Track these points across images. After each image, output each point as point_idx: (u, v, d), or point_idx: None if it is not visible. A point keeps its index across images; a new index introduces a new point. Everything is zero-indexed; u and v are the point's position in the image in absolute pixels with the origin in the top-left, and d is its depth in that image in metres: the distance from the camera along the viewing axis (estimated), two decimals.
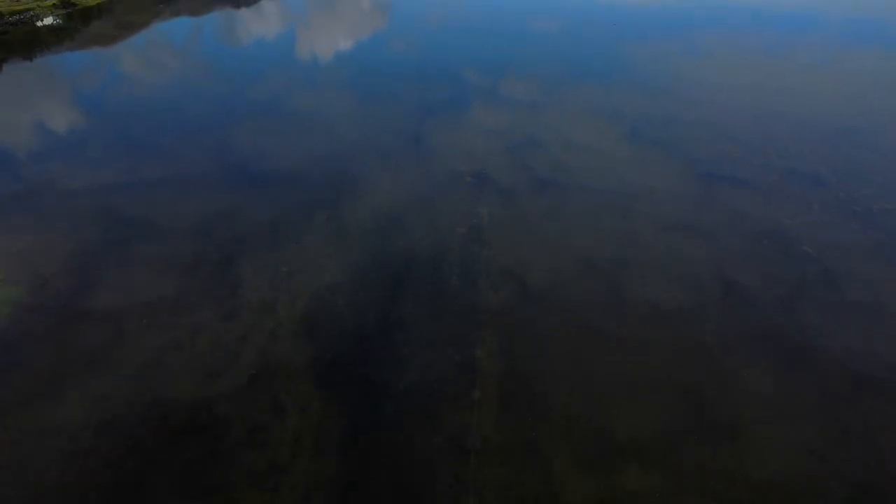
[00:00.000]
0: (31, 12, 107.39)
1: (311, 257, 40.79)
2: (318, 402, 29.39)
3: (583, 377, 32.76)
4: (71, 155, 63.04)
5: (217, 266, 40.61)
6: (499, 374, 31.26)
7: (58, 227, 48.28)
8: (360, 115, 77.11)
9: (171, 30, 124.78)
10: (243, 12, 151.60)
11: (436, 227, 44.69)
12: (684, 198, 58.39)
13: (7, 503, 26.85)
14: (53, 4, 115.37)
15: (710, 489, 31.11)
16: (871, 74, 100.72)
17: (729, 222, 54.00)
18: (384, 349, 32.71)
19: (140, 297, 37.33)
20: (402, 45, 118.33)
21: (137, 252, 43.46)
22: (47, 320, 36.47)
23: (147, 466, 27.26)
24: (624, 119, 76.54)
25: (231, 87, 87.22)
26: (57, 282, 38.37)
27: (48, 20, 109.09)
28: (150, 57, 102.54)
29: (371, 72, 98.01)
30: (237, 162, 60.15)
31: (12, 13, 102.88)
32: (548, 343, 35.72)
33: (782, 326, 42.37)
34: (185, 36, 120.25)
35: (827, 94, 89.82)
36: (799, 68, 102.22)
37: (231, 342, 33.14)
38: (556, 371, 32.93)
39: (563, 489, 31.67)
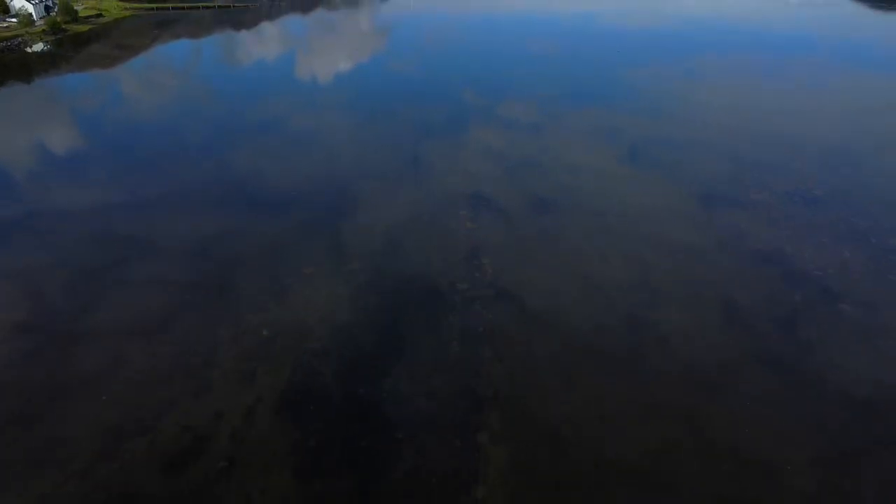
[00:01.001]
0: (20, 38, 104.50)
1: (297, 315, 36.96)
2: (297, 502, 25.62)
3: (598, 468, 28.64)
4: (69, 178, 60.68)
5: (193, 322, 36.67)
6: (504, 464, 27.30)
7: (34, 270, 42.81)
8: (359, 137, 73.73)
9: (170, 52, 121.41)
10: (243, 35, 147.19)
11: (434, 279, 40.82)
12: (684, 219, 55.22)
13: None
14: (42, 31, 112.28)
15: None
16: (863, 96, 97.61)
17: (729, 243, 51.31)
18: (375, 433, 28.78)
19: (108, 362, 33.03)
20: (401, 66, 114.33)
21: (104, 308, 38.91)
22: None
23: None
24: (624, 140, 74.87)
25: (230, 109, 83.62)
26: (10, 346, 34.19)
27: (38, 46, 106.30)
28: (149, 79, 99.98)
29: (371, 94, 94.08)
30: (232, 190, 56.46)
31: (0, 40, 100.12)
32: (556, 422, 31.35)
33: (783, 348, 38.91)
34: (185, 58, 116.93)
35: (821, 114, 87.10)
36: (794, 90, 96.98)
37: (202, 424, 29.32)
38: (568, 458, 28.84)
39: None
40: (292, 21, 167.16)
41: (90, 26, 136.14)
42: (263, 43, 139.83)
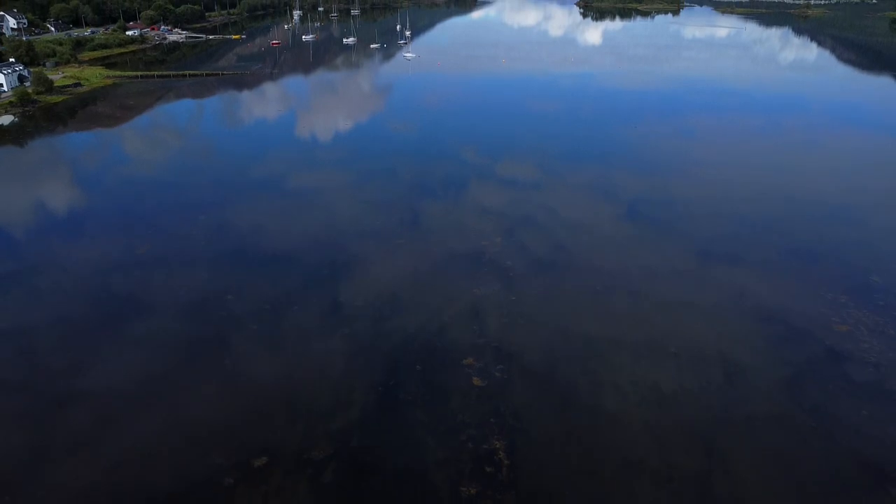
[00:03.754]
0: None
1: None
2: None
3: None
4: (62, 236, 59.36)
5: (181, 399, 35.14)
6: None
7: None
8: (359, 196, 71.76)
9: (174, 111, 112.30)
10: (245, 94, 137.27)
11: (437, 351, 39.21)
12: (684, 277, 53.18)
13: None
14: (10, 102, 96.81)
15: None
16: (857, 154, 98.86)
17: (730, 301, 49.13)
18: None
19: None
20: (401, 126, 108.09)
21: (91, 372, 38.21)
22: None
23: None
24: (623, 199, 72.68)
25: (231, 171, 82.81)
26: None
27: (5, 119, 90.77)
28: (151, 140, 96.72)
29: (372, 153, 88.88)
30: (223, 257, 55.55)
31: None
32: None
33: (787, 410, 36.74)
34: (183, 120, 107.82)
35: (818, 173, 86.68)
36: (790, 149, 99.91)
37: None
38: None
39: None
40: (293, 82, 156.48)
41: (65, 97, 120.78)
42: (265, 103, 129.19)
